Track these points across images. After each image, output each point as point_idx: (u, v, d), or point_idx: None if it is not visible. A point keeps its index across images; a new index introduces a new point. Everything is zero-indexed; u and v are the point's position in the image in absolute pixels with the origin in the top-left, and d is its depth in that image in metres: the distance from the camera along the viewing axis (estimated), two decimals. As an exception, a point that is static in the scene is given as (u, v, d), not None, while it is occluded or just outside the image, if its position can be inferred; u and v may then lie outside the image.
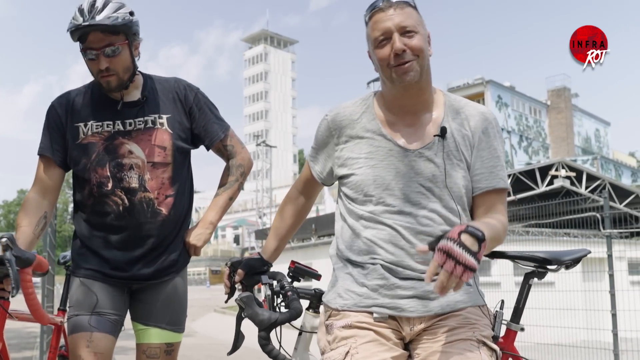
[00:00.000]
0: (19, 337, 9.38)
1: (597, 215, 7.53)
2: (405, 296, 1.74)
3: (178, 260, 2.32)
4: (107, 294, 2.23)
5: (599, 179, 18.97)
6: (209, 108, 2.39)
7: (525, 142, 42.19)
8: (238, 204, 64.57)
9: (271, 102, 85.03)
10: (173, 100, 2.33)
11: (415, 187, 1.78)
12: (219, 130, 2.39)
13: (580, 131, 48.68)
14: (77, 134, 2.26)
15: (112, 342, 2.21)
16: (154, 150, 2.25)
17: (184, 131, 2.33)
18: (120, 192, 2.22)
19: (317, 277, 2.17)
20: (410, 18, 1.77)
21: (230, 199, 2.43)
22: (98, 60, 2.15)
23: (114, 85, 2.21)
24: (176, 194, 2.29)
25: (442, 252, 1.44)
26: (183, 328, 2.36)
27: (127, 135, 2.25)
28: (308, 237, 18.95)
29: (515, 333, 1.84)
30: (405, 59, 1.74)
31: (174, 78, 2.41)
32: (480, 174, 1.82)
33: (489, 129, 1.84)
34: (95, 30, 2.12)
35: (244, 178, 2.45)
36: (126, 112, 2.27)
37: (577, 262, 1.83)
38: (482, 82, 39.47)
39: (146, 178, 2.23)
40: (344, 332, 1.75)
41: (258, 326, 1.82)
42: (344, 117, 1.89)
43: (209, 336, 12.22)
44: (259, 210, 46.31)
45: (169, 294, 2.30)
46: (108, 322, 2.21)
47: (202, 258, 53.12)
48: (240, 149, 2.46)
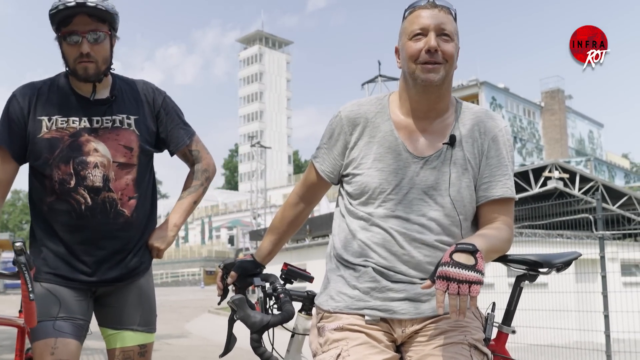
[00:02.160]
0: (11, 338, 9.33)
1: (590, 216, 7.55)
2: (397, 298, 1.75)
3: (142, 262, 2.30)
4: (71, 297, 2.16)
5: (592, 181, 19.07)
6: (176, 113, 2.38)
7: (519, 144, 42.31)
8: (232, 204, 64.45)
9: (266, 103, 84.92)
10: (141, 103, 2.31)
11: (418, 193, 1.78)
12: (185, 135, 2.38)
13: (574, 133, 48.84)
14: (40, 128, 2.18)
15: (77, 347, 2.13)
16: (121, 150, 2.21)
17: (150, 134, 2.31)
18: (83, 191, 2.15)
19: (310, 280, 2.17)
20: (450, 24, 1.78)
21: (195, 202, 2.43)
22: (80, 44, 2.11)
23: (91, 73, 2.16)
24: (139, 196, 2.26)
25: (441, 279, 1.47)
26: (154, 328, 2.34)
27: (93, 133, 2.20)
28: (302, 238, 18.95)
29: (506, 335, 1.84)
30: (435, 59, 1.74)
31: (142, 80, 2.39)
32: (487, 182, 1.81)
33: (498, 137, 1.84)
34: (83, 13, 2.09)
35: (208, 183, 2.45)
36: (94, 110, 2.22)
37: (568, 265, 1.84)
38: (477, 84, 39.55)
39: (111, 178, 2.19)
40: (335, 335, 1.75)
41: (250, 328, 1.82)
42: (359, 115, 1.88)
43: (203, 337, 12.18)
44: (253, 211, 46.25)
45: (136, 295, 2.27)
46: (73, 326, 2.14)
47: (197, 259, 52.93)
48: (205, 154, 2.45)
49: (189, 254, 55.06)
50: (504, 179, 1.82)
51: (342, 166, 1.90)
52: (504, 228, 1.78)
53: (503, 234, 1.75)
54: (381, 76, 32.58)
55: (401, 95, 1.87)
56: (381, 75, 32.60)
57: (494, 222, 1.80)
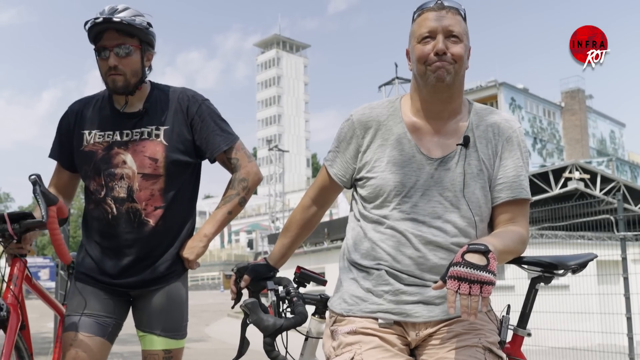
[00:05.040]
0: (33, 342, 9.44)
1: (611, 217, 7.45)
2: (411, 301, 1.73)
3: (173, 270, 2.32)
4: (97, 297, 2.28)
5: (614, 181, 18.82)
6: (213, 120, 2.35)
7: (539, 145, 41.88)
8: (251, 208, 64.68)
9: (284, 107, 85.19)
10: (175, 112, 2.33)
11: (433, 195, 1.77)
12: (222, 142, 2.34)
13: (595, 133, 48.23)
14: (82, 141, 2.33)
15: (100, 343, 2.24)
16: (145, 162, 2.26)
17: (183, 143, 2.31)
18: (111, 201, 2.26)
19: (323, 283, 2.16)
20: (458, 25, 1.77)
21: (229, 213, 2.37)
22: (109, 58, 2.21)
23: (119, 85, 2.24)
24: (167, 205, 2.29)
25: (452, 278, 1.46)
26: (182, 334, 2.36)
27: (123, 146, 2.28)
28: (321, 242, 18.94)
29: (522, 338, 1.82)
30: (444, 61, 1.74)
31: (182, 88, 2.41)
32: (502, 183, 1.80)
33: (512, 137, 1.83)
34: (111, 28, 2.20)
35: (246, 192, 2.38)
36: (125, 123, 2.32)
37: (584, 267, 1.82)
38: (495, 85, 39.24)
39: (135, 189, 2.25)
40: (348, 338, 1.74)
41: (263, 332, 1.82)
42: (370, 118, 1.87)
43: (222, 341, 12.23)
44: (271, 214, 46.38)
45: (163, 301, 2.30)
46: (96, 324, 2.25)
47: (216, 262, 53.23)
48: (246, 162, 2.39)
49: (208, 257, 55.35)
50: (518, 180, 1.80)
51: (355, 170, 1.90)
52: (518, 229, 1.76)
53: (517, 235, 1.73)
54: (398, 78, 32.50)
55: (413, 97, 1.87)
56: (398, 78, 32.52)
57: (508, 223, 1.78)
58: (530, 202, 1.85)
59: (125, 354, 8.30)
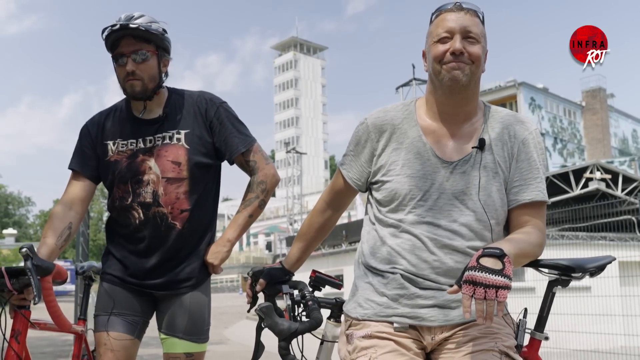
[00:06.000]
0: (53, 345, 9.56)
1: (633, 218, 7.35)
2: (426, 305, 1.72)
3: (196, 274, 2.34)
4: (125, 297, 2.34)
5: (636, 181, 18.52)
6: (231, 122, 2.38)
7: (560, 145, 41.44)
8: (270, 210, 64.84)
9: (301, 109, 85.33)
10: (194, 115, 2.36)
11: (448, 199, 1.76)
12: (240, 144, 2.37)
13: (617, 132, 47.58)
14: (106, 152, 2.38)
15: (129, 341, 2.31)
16: (168, 166, 2.30)
17: (204, 145, 2.35)
18: (137, 207, 2.30)
19: (339, 287, 2.16)
20: (476, 27, 1.77)
21: (250, 216, 2.39)
22: (126, 64, 2.25)
23: (137, 90, 2.28)
24: (193, 208, 2.32)
25: (467, 283, 1.46)
26: (204, 338, 2.37)
27: (147, 152, 2.33)
28: (339, 244, 18.92)
29: (539, 342, 1.80)
30: (461, 61, 1.73)
31: (199, 92, 2.43)
32: (518, 185, 1.78)
33: (529, 139, 1.81)
34: (128, 35, 2.24)
35: (265, 195, 2.40)
36: (147, 129, 2.35)
37: (602, 270, 1.79)
38: (515, 85, 38.90)
39: (160, 193, 2.29)
40: (364, 342, 1.74)
41: (278, 336, 1.82)
42: (385, 122, 1.87)
43: (240, 343, 12.26)
44: (289, 217, 46.44)
45: (185, 304, 2.32)
46: (124, 322, 2.32)
47: (235, 265, 53.41)
48: (263, 164, 2.41)
49: (227, 260, 55.43)
50: (535, 182, 1.79)
51: (370, 173, 1.89)
52: (535, 232, 1.74)
53: (534, 238, 1.72)
54: (415, 79, 32.35)
55: (428, 99, 1.86)
56: (415, 79, 32.37)
57: (525, 226, 1.76)
58: (547, 204, 1.83)
59: (146, 356, 8.35)
